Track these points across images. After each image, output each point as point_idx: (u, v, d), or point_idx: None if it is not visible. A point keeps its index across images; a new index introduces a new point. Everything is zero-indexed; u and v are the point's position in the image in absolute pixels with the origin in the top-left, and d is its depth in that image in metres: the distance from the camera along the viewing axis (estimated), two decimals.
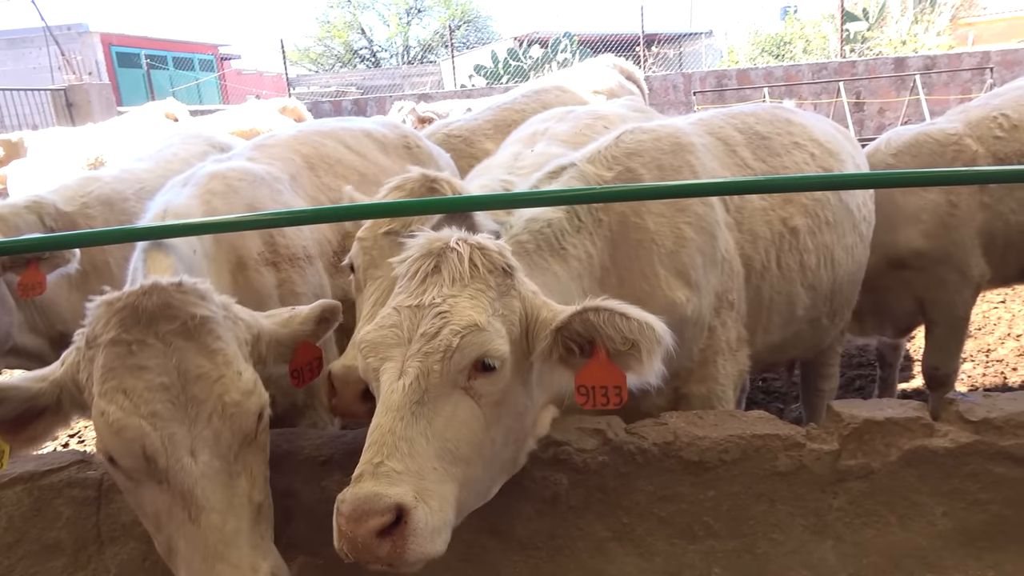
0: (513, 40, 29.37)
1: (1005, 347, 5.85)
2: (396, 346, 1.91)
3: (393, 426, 1.79)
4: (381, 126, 4.25)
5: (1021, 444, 2.32)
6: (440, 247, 2.02)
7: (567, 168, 2.68)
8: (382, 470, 1.73)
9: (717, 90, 16.56)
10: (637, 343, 1.92)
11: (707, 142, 3.08)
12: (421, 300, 1.95)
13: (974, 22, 23.96)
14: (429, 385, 1.85)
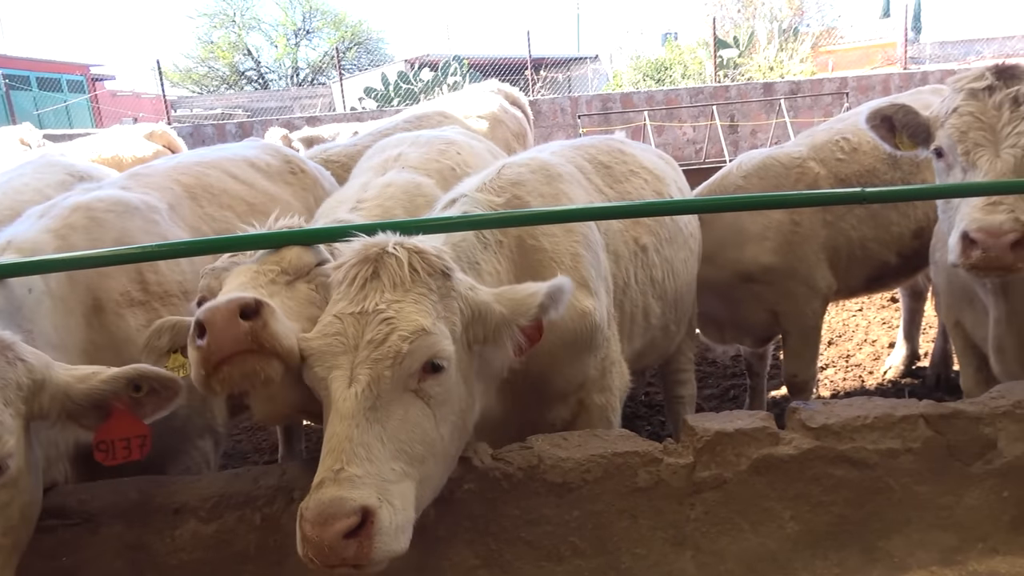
0: (404, 63, 29.38)
1: (862, 352, 6.29)
2: (342, 354, 1.95)
3: (349, 433, 1.84)
4: (264, 152, 4.12)
5: (857, 447, 2.50)
6: (377, 252, 2.05)
7: (458, 200, 2.75)
8: (343, 476, 1.78)
9: (602, 113, 17.08)
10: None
11: (570, 171, 3.23)
12: (364, 307, 1.97)
13: (833, 50, 25.95)
14: (381, 391, 1.90)
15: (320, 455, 1.88)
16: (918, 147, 3.27)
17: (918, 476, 2.52)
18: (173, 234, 3.01)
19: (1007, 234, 2.66)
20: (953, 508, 2.54)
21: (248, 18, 42.99)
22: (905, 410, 2.56)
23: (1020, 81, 2.93)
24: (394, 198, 3.16)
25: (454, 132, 4.40)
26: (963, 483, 2.54)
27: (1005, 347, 3.46)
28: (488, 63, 23.68)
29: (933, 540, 2.53)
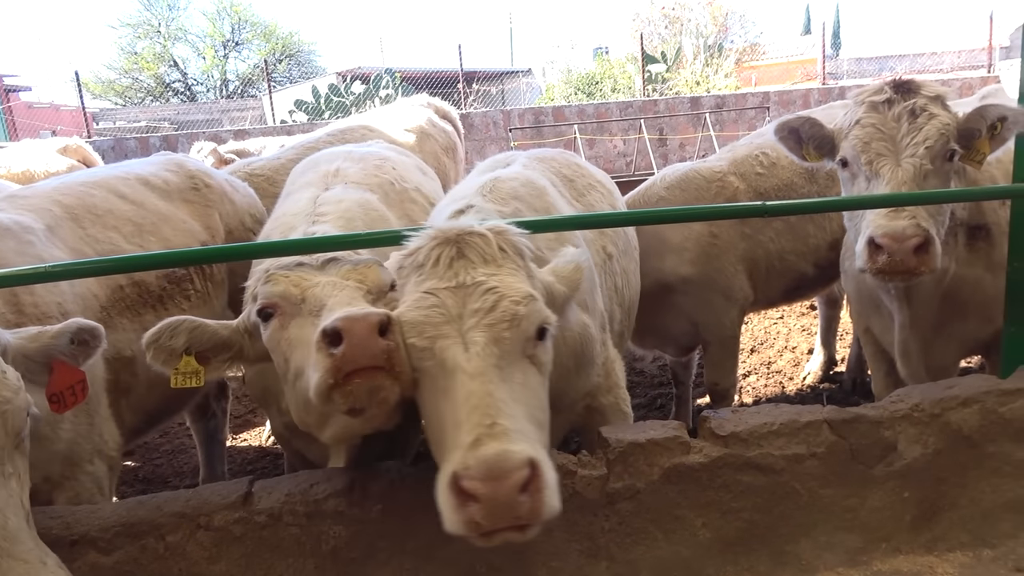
0: (336, 76, 29.05)
1: (783, 359, 6.47)
2: (445, 323, 1.91)
3: (487, 388, 1.80)
4: (164, 169, 3.99)
5: (764, 454, 2.56)
6: (457, 234, 2.05)
7: (467, 210, 2.73)
8: (499, 429, 1.72)
9: (534, 127, 17.24)
10: None
11: (549, 185, 3.28)
12: (459, 281, 1.96)
13: (756, 65, 26.91)
14: (503, 352, 1.88)
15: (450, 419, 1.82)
16: (824, 158, 3.39)
17: (823, 480, 2.59)
18: (51, 256, 2.89)
19: (910, 239, 2.78)
20: (857, 510, 2.62)
21: (174, 28, 41.85)
22: (810, 416, 2.63)
23: (916, 95, 3.08)
24: (351, 211, 3.13)
25: (384, 148, 4.36)
26: (866, 485, 2.63)
27: (910, 351, 3.62)
28: (421, 76, 23.63)
29: (839, 542, 2.60)
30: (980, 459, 2.71)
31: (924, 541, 2.65)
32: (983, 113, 3.01)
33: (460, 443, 1.73)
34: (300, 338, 2.12)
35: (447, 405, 1.85)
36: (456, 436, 1.77)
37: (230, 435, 5.46)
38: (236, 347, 2.35)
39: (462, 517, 1.68)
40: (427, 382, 1.95)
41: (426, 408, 1.99)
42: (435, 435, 1.94)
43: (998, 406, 2.74)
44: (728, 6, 29.35)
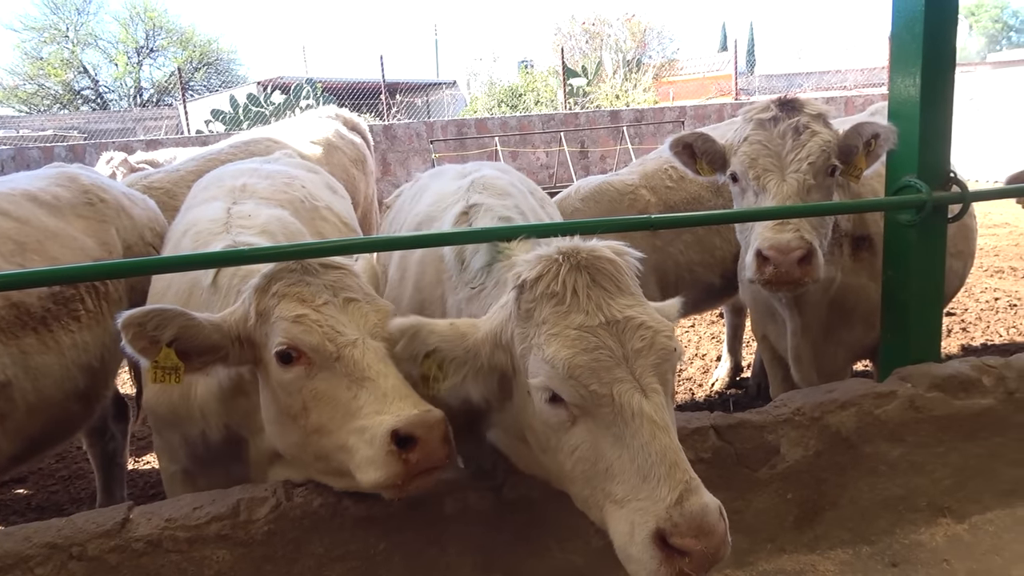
0: (256, 85, 28.43)
1: (693, 366, 6.65)
2: (616, 367, 1.89)
3: (677, 443, 1.86)
4: (55, 184, 3.79)
5: None
6: (585, 259, 2.00)
7: (471, 211, 2.71)
8: (694, 484, 1.80)
9: (457, 138, 17.27)
10: None
11: (525, 191, 3.29)
12: (606, 315, 1.93)
13: (674, 80, 27.74)
14: (668, 394, 1.92)
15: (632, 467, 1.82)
16: (717, 172, 3.52)
17: (710, 484, 2.60)
18: None
19: (795, 251, 2.91)
20: (743, 512, 2.71)
21: (83, 34, 40.10)
22: (697, 422, 2.71)
23: (800, 113, 3.22)
24: (271, 224, 3.05)
25: (292, 165, 4.27)
26: (751, 488, 2.72)
27: (802, 357, 3.77)
28: (344, 86, 23.37)
29: None
30: (858, 459, 2.85)
31: (807, 540, 2.77)
32: (859, 130, 3.17)
33: (658, 497, 1.77)
34: (330, 396, 2.11)
35: (625, 452, 1.84)
36: (648, 489, 1.79)
37: (132, 458, 5.24)
38: (223, 352, 2.25)
39: (670, 571, 1.74)
40: (591, 426, 1.91)
41: (581, 451, 1.94)
42: (594, 480, 1.92)
43: (874, 408, 2.89)
44: (646, 22, 30.25)
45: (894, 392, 2.94)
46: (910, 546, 2.79)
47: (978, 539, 2.83)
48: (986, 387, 3.04)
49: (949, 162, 3.16)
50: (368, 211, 5.98)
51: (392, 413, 1.98)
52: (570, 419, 1.93)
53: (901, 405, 2.91)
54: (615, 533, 1.86)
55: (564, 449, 1.95)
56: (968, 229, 4.31)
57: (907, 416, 2.90)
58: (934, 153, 3.08)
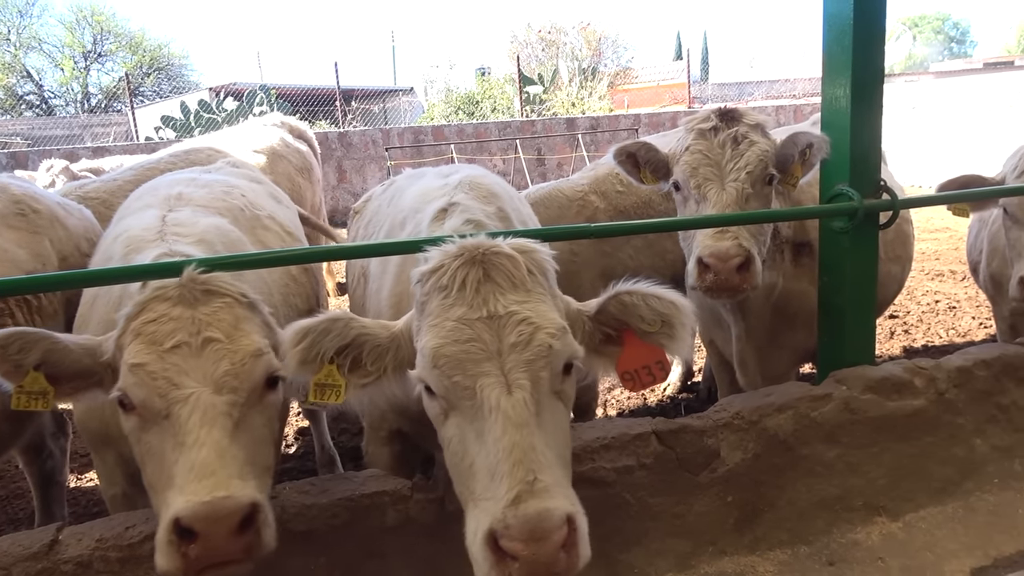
0: (209, 91, 27.96)
1: None
2: (486, 360, 1.82)
3: (530, 441, 1.74)
4: None
5: (596, 467, 2.64)
6: (483, 253, 1.94)
7: (449, 208, 2.67)
8: (539, 486, 1.69)
9: (414, 146, 17.21)
10: (670, 320, 2.06)
11: (510, 192, 3.31)
12: (490, 310, 1.87)
13: (629, 88, 28.09)
14: (539, 395, 1.82)
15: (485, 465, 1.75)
16: (660, 181, 3.57)
17: (652, 489, 2.70)
18: None
19: (733, 258, 2.96)
20: (685, 516, 2.75)
21: (27, 37, 38.98)
22: (639, 428, 2.75)
23: (739, 123, 3.29)
24: (209, 233, 2.97)
25: (233, 174, 4.18)
26: (693, 492, 2.76)
27: (747, 361, 3.84)
28: (299, 93, 23.13)
29: (669, 548, 2.72)
30: (795, 461, 2.92)
31: (747, 542, 2.82)
32: (794, 140, 3.25)
33: (498, 496, 1.69)
34: (158, 455, 1.92)
35: (482, 449, 1.78)
36: (493, 487, 1.72)
37: (74, 475, 5.09)
38: (96, 377, 2.11)
39: (500, 574, 1.67)
40: (459, 420, 1.87)
41: (452, 445, 1.90)
42: (461, 475, 1.88)
43: (810, 411, 2.96)
44: (601, 31, 30.60)
45: (829, 395, 3.01)
46: (846, 545, 2.86)
47: (912, 536, 2.92)
48: (918, 388, 3.13)
49: (879, 170, 3.26)
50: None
51: (186, 495, 1.76)
52: (443, 412, 1.90)
53: (836, 407, 2.99)
54: (466, 532, 1.82)
55: (443, 443, 1.93)
56: (905, 235, 4.44)
57: (842, 418, 2.98)
58: (865, 162, 3.17)
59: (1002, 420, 3.30)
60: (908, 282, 8.77)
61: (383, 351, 2.06)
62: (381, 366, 2.06)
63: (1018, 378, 3.38)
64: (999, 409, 3.30)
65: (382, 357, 2.06)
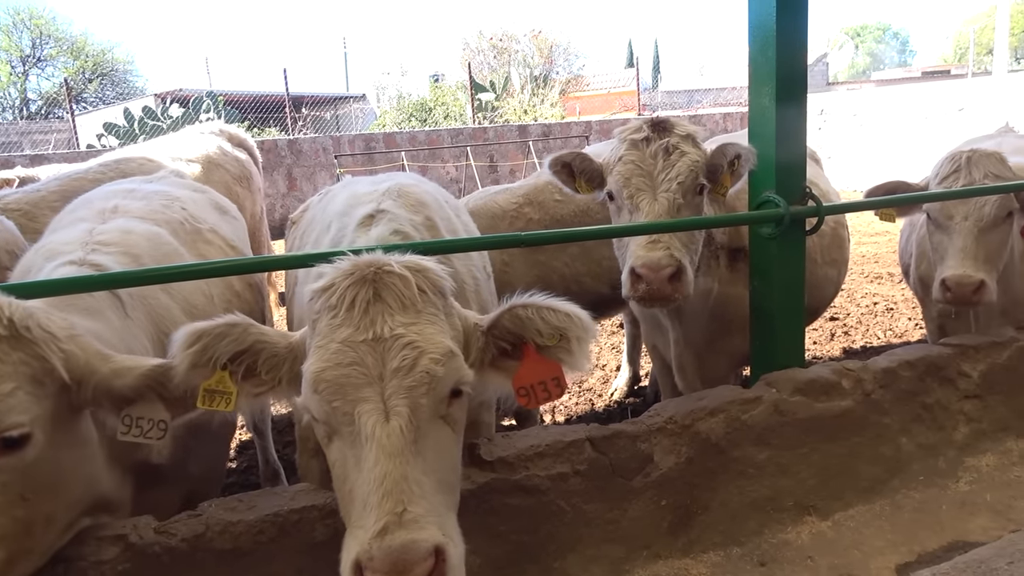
0: (154, 97, 27.35)
1: (594, 377, 6.76)
2: (367, 385, 1.79)
3: (403, 471, 1.72)
4: None
5: (530, 475, 2.65)
6: (374, 272, 1.89)
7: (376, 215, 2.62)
8: (408, 517, 1.67)
9: (365, 153, 17.09)
10: (566, 333, 1.99)
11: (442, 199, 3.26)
12: (376, 332, 1.82)
13: (580, 96, 28.37)
14: (419, 422, 1.79)
15: (360, 493, 1.73)
16: (595, 190, 3.60)
17: (586, 496, 2.72)
18: None
19: (664, 268, 3.00)
20: (619, 521, 2.77)
21: None
22: (573, 435, 2.76)
23: (670, 133, 3.34)
24: (138, 245, 2.89)
25: (175, 185, 4.09)
26: (626, 497, 2.79)
27: (685, 365, 3.90)
28: (248, 100, 22.77)
29: (604, 554, 2.73)
30: (727, 464, 2.97)
31: (681, 545, 2.85)
32: (723, 151, 3.32)
33: (367, 526, 1.68)
34: None
35: (359, 477, 1.76)
36: (364, 516, 1.71)
37: None
38: None
39: None
40: (341, 445, 1.83)
41: (336, 468, 1.87)
42: (343, 500, 1.86)
43: (741, 414, 3.01)
44: (553, 39, 30.85)
45: (760, 397, 3.07)
46: (778, 545, 2.92)
47: (840, 535, 2.99)
48: (845, 389, 3.22)
49: (804, 178, 3.34)
50: (256, 230, 5.82)
51: None
52: (327, 436, 1.88)
53: (767, 410, 3.05)
54: (341, 560, 1.78)
55: (330, 466, 1.91)
56: (841, 239, 4.56)
57: (772, 420, 3.04)
58: (790, 170, 3.26)
59: (927, 419, 3.41)
60: (848, 285, 9.06)
61: (280, 361, 2.00)
62: (276, 376, 2.00)
63: (941, 378, 3.49)
64: (924, 408, 3.41)
65: (278, 367, 2.00)
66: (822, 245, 4.14)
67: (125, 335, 2.36)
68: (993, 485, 3.29)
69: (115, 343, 2.26)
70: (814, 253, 4.00)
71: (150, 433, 2.04)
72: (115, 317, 2.40)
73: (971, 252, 3.64)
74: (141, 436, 2.03)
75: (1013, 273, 4.06)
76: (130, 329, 2.46)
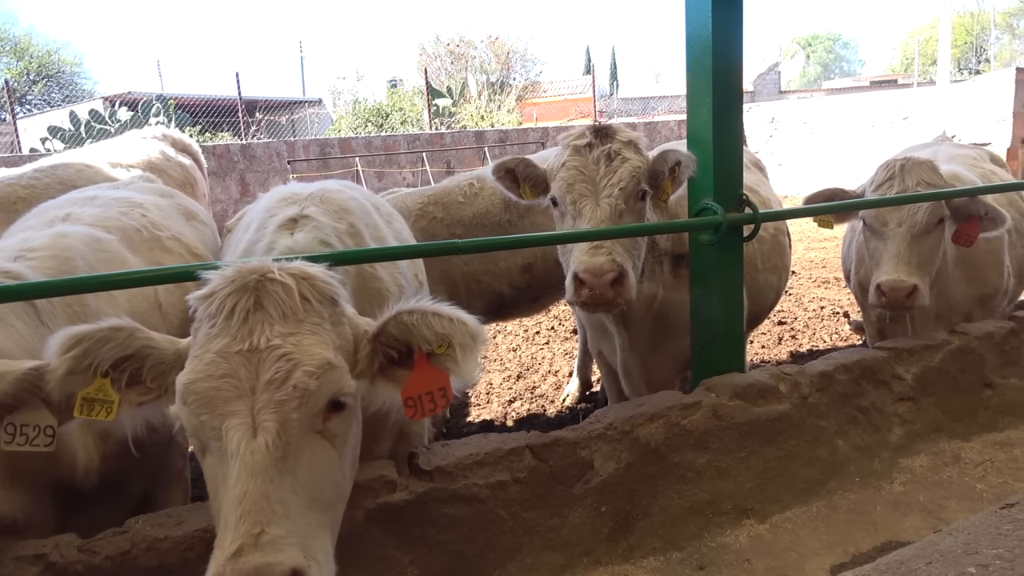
0: (103, 100, 26.68)
1: (546, 383, 6.78)
2: (237, 399, 1.71)
3: (264, 490, 1.64)
4: None
5: (468, 484, 2.63)
6: (257, 279, 1.82)
7: (300, 220, 2.54)
8: (265, 539, 1.60)
9: (319, 158, 16.90)
10: (451, 340, 1.92)
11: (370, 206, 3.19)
12: (252, 342, 1.75)
13: (537, 102, 28.53)
14: (290, 437, 1.71)
15: (223, 511, 1.66)
16: (539, 196, 3.61)
17: (526, 503, 2.71)
18: None
19: (607, 273, 3.02)
20: (560, 528, 2.77)
21: None
22: (513, 443, 2.75)
23: (612, 139, 3.36)
24: (72, 249, 2.78)
25: (140, 191, 3.98)
26: (567, 504, 2.79)
27: (631, 370, 3.92)
28: (200, 103, 22.35)
29: (544, 561, 2.73)
30: (667, 469, 2.99)
31: (621, 551, 2.86)
32: (664, 158, 3.35)
33: (224, 546, 1.62)
34: None
35: (224, 493, 1.69)
36: (223, 536, 1.65)
37: None
38: None
39: None
40: (212, 460, 1.77)
41: (208, 484, 1.80)
42: (215, 517, 1.78)
43: (680, 419, 3.04)
44: (510, 45, 30.98)
45: (699, 402, 3.11)
46: (716, 548, 2.94)
47: (777, 537, 3.03)
48: (782, 393, 3.27)
49: (741, 185, 3.39)
50: None
51: None
52: (200, 450, 1.81)
53: (706, 414, 3.08)
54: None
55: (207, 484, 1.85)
56: (781, 245, 4.65)
57: (711, 424, 3.08)
58: (727, 178, 3.30)
59: (862, 421, 3.48)
60: (796, 289, 9.24)
61: (167, 368, 1.90)
62: (163, 384, 1.91)
63: (876, 380, 3.58)
64: (859, 411, 3.49)
65: (165, 375, 1.90)
66: (762, 251, 4.21)
67: (35, 343, 2.27)
68: (926, 485, 3.38)
69: (15, 352, 2.17)
70: (755, 259, 4.08)
71: (36, 441, 1.94)
72: (22, 325, 2.30)
73: (905, 258, 3.74)
74: (27, 444, 1.92)
75: (946, 278, 4.19)
76: (45, 337, 2.38)
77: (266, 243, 2.48)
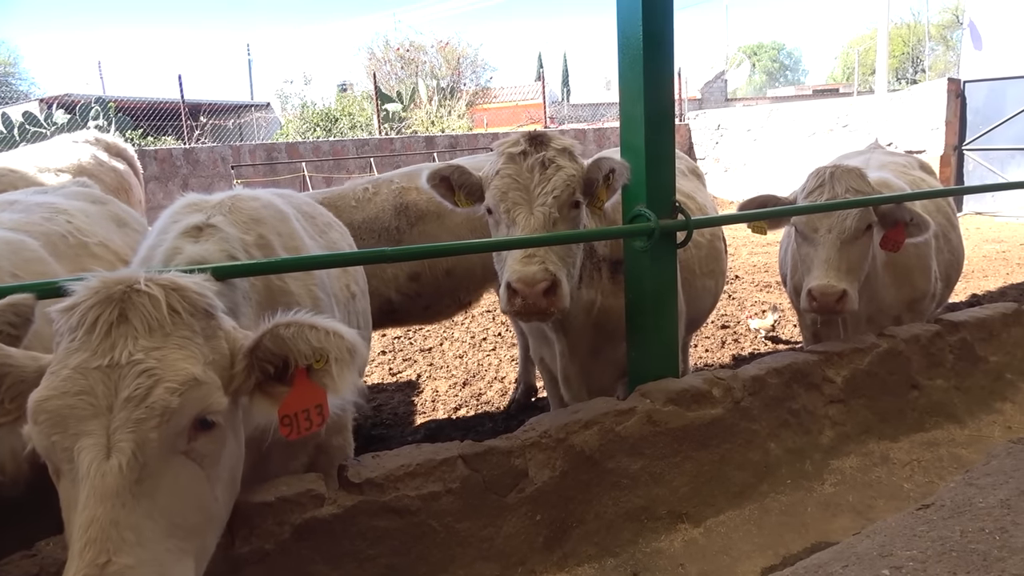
0: (39, 102, 25.78)
1: (492, 390, 6.76)
2: (92, 417, 1.61)
3: (114, 516, 1.54)
4: None
5: (400, 496, 2.59)
6: (123, 291, 1.73)
7: (206, 230, 2.43)
8: (111, 569, 1.50)
9: (265, 163, 16.61)
10: (327, 354, 1.84)
11: (294, 213, 3.10)
12: (113, 358, 1.65)
13: (488, 107, 28.57)
14: (147, 458, 1.61)
15: (72, 538, 1.55)
16: (475, 204, 3.59)
17: (459, 514, 2.68)
18: None
19: (540, 283, 3.01)
20: (494, 539, 2.75)
21: None
22: (446, 453, 2.72)
23: (547, 147, 3.36)
24: None
25: (65, 197, 3.83)
26: (501, 514, 2.77)
27: (570, 376, 3.93)
28: (142, 106, 21.79)
29: (478, 572, 2.70)
30: (601, 475, 2.99)
31: (556, 559, 2.85)
32: (599, 165, 3.36)
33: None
34: None
35: (74, 518, 1.58)
36: (68, 565, 1.54)
37: None
38: None
39: None
40: (66, 484, 1.65)
41: (63, 508, 1.68)
42: (68, 543, 1.66)
43: (615, 425, 3.05)
44: (461, 50, 30.94)
45: (634, 408, 3.12)
46: (651, 554, 2.96)
47: (711, 541, 3.06)
48: (716, 398, 3.31)
49: (674, 192, 3.43)
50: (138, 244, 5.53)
51: None
52: (55, 474, 1.69)
53: (640, 420, 3.10)
54: None
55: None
56: (718, 251, 4.73)
57: (645, 430, 3.10)
58: (660, 185, 3.34)
59: (794, 424, 3.55)
60: (739, 294, 9.41)
61: (28, 387, 1.75)
62: (23, 404, 1.74)
63: (807, 384, 3.65)
64: (791, 414, 3.55)
65: (25, 394, 1.74)
66: (700, 257, 4.27)
67: None
68: (855, 486, 3.45)
69: None
70: (692, 265, 4.13)
71: None
72: None
73: (834, 263, 3.83)
74: None
75: (877, 282, 4.30)
76: None
77: (165, 249, 2.38)
